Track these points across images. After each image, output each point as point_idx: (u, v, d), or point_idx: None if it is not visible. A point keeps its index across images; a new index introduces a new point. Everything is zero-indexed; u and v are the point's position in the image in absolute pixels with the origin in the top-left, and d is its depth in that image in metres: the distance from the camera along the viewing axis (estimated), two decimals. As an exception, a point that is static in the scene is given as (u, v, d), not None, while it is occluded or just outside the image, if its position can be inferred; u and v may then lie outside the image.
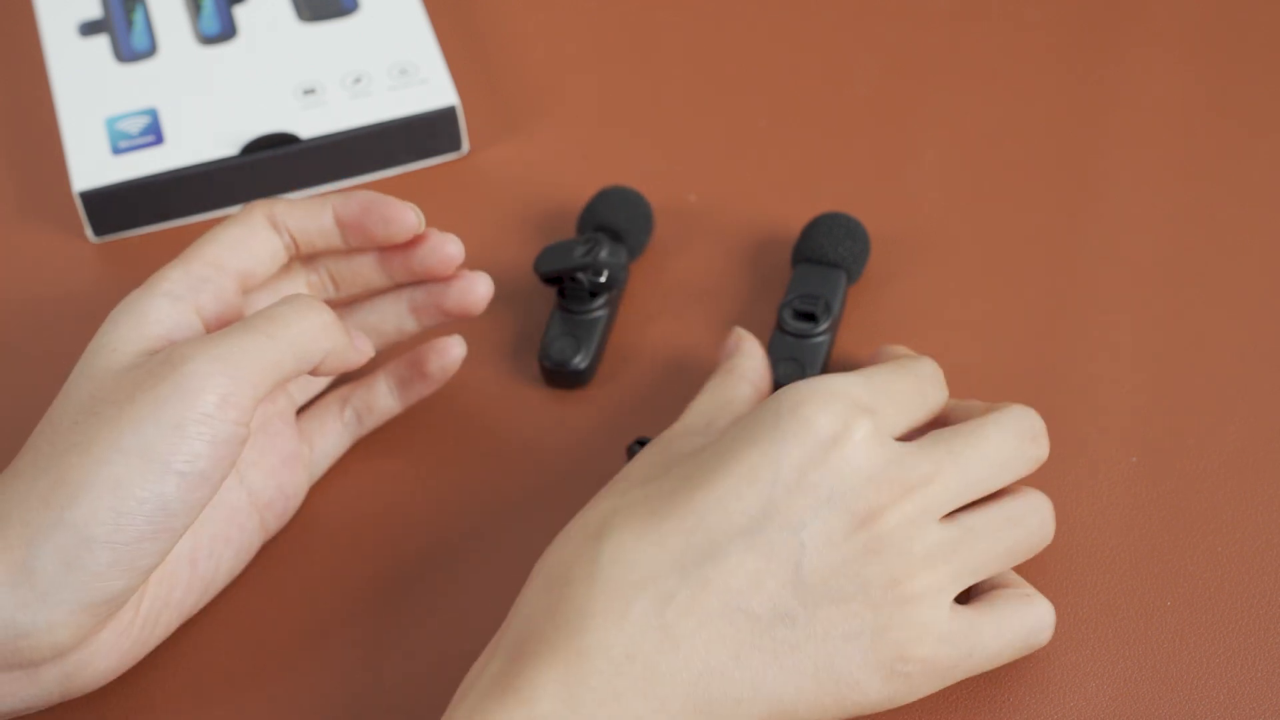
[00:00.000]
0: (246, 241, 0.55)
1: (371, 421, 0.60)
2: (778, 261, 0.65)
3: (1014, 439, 0.52)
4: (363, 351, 0.54)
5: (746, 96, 0.71)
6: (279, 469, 0.57)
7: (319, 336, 0.52)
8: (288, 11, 0.72)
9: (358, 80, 0.69)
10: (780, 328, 0.61)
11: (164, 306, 0.52)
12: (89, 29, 0.72)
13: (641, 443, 0.57)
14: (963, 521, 0.50)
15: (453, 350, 0.59)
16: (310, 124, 0.67)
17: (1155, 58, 0.72)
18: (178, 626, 0.54)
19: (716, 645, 0.47)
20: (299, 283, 0.58)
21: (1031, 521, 0.52)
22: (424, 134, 0.68)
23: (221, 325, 0.54)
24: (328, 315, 0.52)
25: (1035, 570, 0.55)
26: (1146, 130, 0.69)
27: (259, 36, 0.71)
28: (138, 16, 0.72)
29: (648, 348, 0.63)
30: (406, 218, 0.56)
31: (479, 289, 0.58)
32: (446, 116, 0.68)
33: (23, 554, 0.48)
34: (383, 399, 0.60)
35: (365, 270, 0.58)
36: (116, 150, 0.67)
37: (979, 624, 0.50)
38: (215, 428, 0.49)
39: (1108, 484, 0.58)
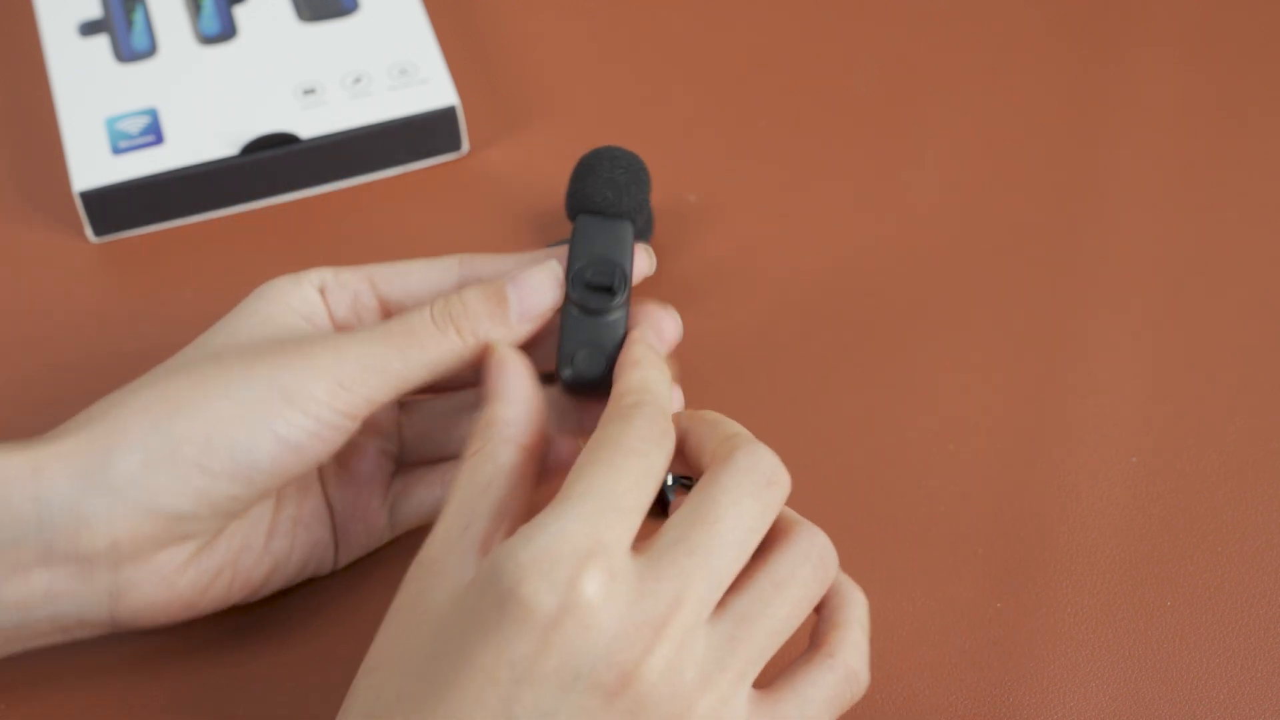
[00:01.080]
0: (415, 272, 0.56)
1: None
2: (778, 261, 0.65)
3: (750, 498, 0.46)
4: (530, 321, 0.53)
5: (746, 96, 0.71)
6: (355, 499, 0.56)
7: (457, 356, 0.52)
8: (288, 11, 0.72)
9: (358, 80, 0.69)
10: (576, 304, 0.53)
11: (309, 296, 0.55)
12: (89, 29, 0.72)
13: (678, 480, 0.55)
14: (731, 610, 0.46)
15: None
16: (310, 124, 0.67)
17: (1155, 58, 0.72)
18: (233, 603, 0.54)
19: None
20: None
21: (806, 572, 0.47)
22: (424, 134, 0.68)
23: (342, 329, 0.55)
24: (473, 330, 0.52)
25: (1035, 572, 0.55)
26: (1146, 130, 0.69)
27: (259, 36, 0.71)
28: (138, 16, 0.72)
29: (648, 348, 0.63)
30: (644, 264, 0.56)
31: None
32: (446, 116, 0.68)
33: (106, 446, 0.49)
34: None
35: None
36: (116, 150, 0.67)
37: (783, 712, 0.47)
38: (320, 410, 0.50)
39: (1108, 484, 0.58)
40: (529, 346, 0.53)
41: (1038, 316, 0.63)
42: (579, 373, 0.52)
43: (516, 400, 0.50)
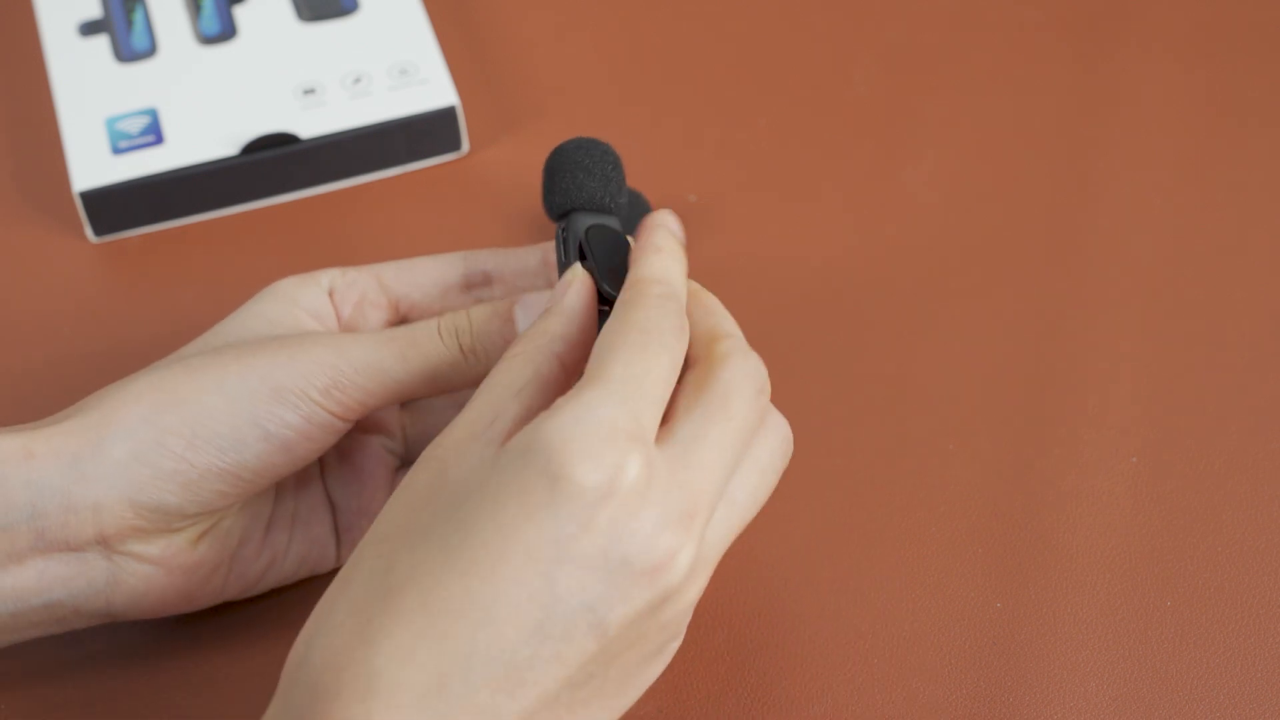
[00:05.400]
0: (420, 267, 0.57)
1: None
2: (778, 262, 0.65)
3: (752, 400, 0.47)
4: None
5: (746, 96, 0.71)
6: (357, 495, 0.56)
7: (457, 369, 0.53)
8: (288, 11, 0.72)
9: (358, 80, 0.69)
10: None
11: (316, 295, 0.55)
12: (89, 29, 0.72)
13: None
14: (726, 497, 0.47)
15: None
16: (310, 124, 0.67)
17: (1156, 58, 0.72)
18: (230, 597, 0.54)
19: None
20: None
21: (776, 461, 0.49)
22: (424, 134, 0.68)
23: (349, 329, 0.56)
24: (473, 347, 0.53)
25: (1035, 572, 0.55)
26: (1147, 130, 0.69)
27: (259, 36, 0.71)
28: (138, 16, 0.72)
29: (648, 348, 0.63)
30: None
31: None
32: (446, 116, 0.68)
33: (96, 435, 0.49)
34: None
35: None
36: (116, 150, 0.67)
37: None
38: (312, 409, 0.50)
39: (1108, 484, 0.58)
40: None
41: (1037, 316, 0.63)
42: None
43: (569, 319, 0.49)
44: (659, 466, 0.44)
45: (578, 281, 0.50)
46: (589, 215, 0.54)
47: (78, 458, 0.49)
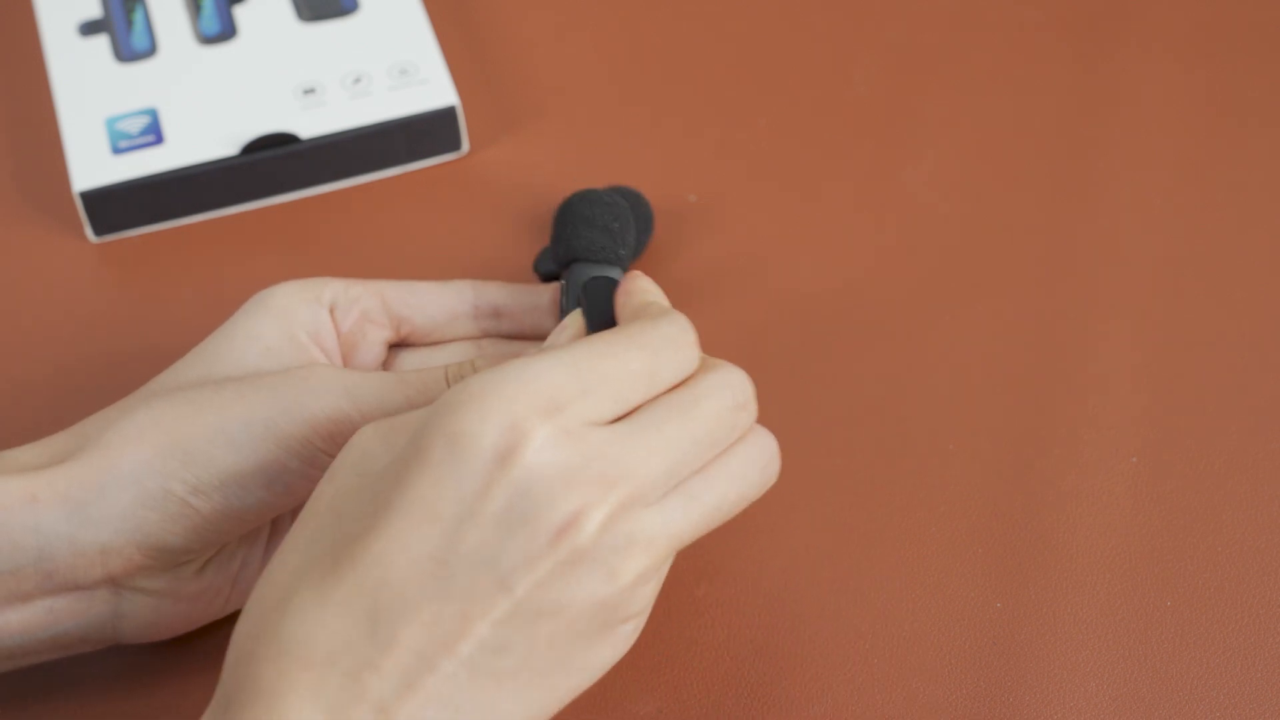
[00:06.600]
0: (429, 293, 0.57)
1: None
2: (778, 261, 0.65)
3: (727, 410, 0.46)
4: None
5: (746, 96, 0.71)
6: None
7: None
8: (288, 11, 0.72)
9: (358, 80, 0.69)
10: None
11: (316, 313, 0.55)
12: (89, 29, 0.72)
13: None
14: (682, 488, 0.45)
15: None
16: (310, 124, 0.67)
17: (1156, 58, 0.72)
18: (231, 610, 0.54)
19: (432, 704, 0.43)
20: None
21: (752, 474, 0.47)
22: (424, 134, 0.68)
23: (347, 346, 0.56)
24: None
25: (1035, 572, 0.55)
26: (1147, 130, 0.69)
27: (259, 36, 0.71)
28: (138, 16, 0.72)
29: (648, 348, 0.62)
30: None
31: None
32: (446, 116, 0.68)
33: (98, 480, 0.49)
34: None
35: None
36: (116, 150, 0.67)
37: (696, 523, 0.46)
38: (315, 453, 0.50)
39: (1108, 484, 0.58)
40: None
41: (1037, 316, 0.63)
42: None
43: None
44: (586, 441, 0.44)
45: (574, 326, 0.51)
46: (592, 266, 0.56)
47: (82, 503, 0.49)
